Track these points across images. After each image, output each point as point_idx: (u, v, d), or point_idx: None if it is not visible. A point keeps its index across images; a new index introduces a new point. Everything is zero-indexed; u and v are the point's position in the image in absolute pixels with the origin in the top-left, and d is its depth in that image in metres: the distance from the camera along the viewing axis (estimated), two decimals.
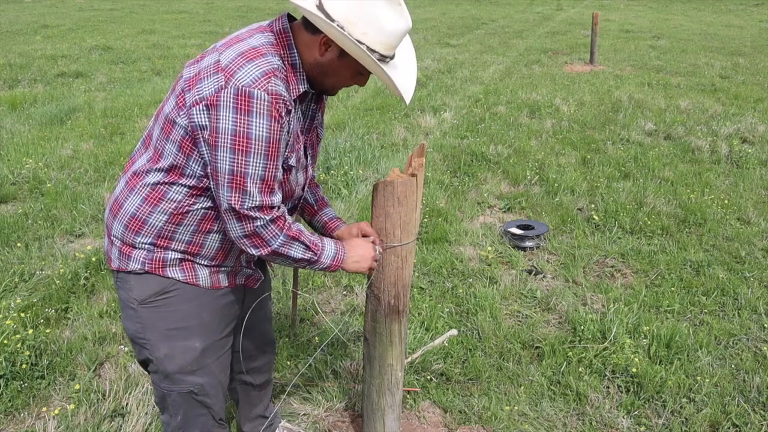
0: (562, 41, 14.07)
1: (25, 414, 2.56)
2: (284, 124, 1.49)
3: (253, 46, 1.51)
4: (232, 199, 1.48)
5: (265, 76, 1.45)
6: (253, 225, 1.52)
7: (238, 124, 1.43)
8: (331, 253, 1.69)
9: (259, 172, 1.47)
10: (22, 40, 13.31)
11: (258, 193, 1.49)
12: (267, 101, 1.43)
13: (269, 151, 1.47)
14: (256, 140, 1.44)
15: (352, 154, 5.60)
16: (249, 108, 1.42)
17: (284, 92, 1.48)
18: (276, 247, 1.57)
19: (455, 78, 9.78)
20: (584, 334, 3.05)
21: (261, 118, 1.43)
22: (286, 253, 1.60)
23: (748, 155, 5.79)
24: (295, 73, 1.56)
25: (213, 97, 1.44)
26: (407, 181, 1.73)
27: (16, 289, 3.44)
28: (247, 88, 1.42)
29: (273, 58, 1.50)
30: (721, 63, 11.03)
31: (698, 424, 2.51)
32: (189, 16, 19.08)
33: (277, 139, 1.47)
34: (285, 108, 1.48)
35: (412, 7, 22.81)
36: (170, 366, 1.73)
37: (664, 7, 24.23)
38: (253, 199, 1.49)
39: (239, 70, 1.44)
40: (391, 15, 1.49)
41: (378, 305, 1.90)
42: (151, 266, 1.65)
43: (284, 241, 1.58)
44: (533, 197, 4.90)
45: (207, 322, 1.75)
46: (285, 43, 1.55)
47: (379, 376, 2.02)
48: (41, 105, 7.62)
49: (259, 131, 1.44)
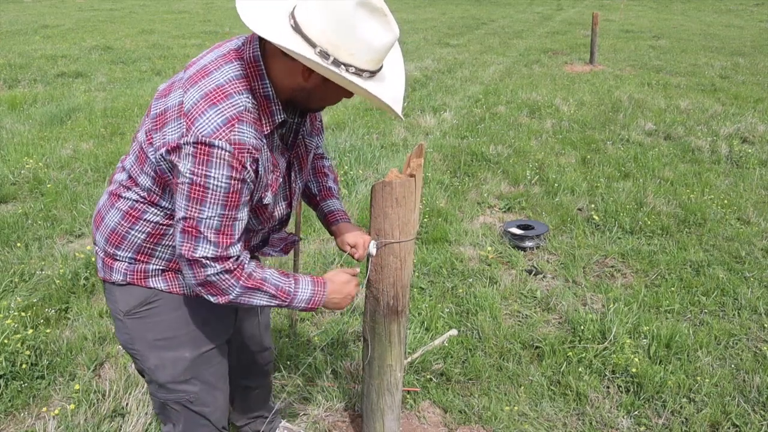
0: (562, 41, 14.07)
1: (25, 414, 2.56)
2: (247, 174, 1.40)
3: (218, 84, 1.40)
4: (184, 246, 1.43)
5: (228, 124, 1.36)
6: (204, 273, 1.44)
7: (195, 174, 1.36)
8: (306, 296, 1.60)
9: (214, 222, 1.41)
10: (22, 40, 13.31)
11: (210, 243, 1.42)
12: (228, 152, 1.35)
13: (227, 202, 1.40)
14: (213, 190, 1.37)
15: (352, 154, 5.60)
16: (208, 159, 1.35)
17: (250, 139, 1.39)
18: (234, 298, 1.50)
19: (455, 78, 9.77)
20: (584, 334, 3.05)
21: (220, 168, 1.36)
22: (248, 302, 1.53)
23: (748, 155, 5.79)
24: (269, 104, 1.46)
25: (174, 144, 1.39)
26: (406, 182, 1.72)
27: (16, 289, 3.44)
28: (207, 138, 1.34)
29: (240, 98, 1.40)
30: (721, 63, 11.03)
31: (698, 424, 2.51)
32: (189, 16, 19.08)
33: (237, 190, 1.40)
34: (250, 156, 1.40)
35: (412, 7, 22.84)
36: (162, 376, 1.70)
37: (664, 7, 24.23)
38: (204, 249, 1.42)
39: (201, 116, 1.36)
40: (378, 29, 1.36)
41: (377, 306, 1.90)
42: (133, 277, 1.62)
43: (242, 291, 1.50)
44: (533, 197, 4.90)
45: (196, 331, 1.71)
46: (256, 74, 1.44)
47: (378, 377, 2.02)
48: (41, 105, 7.62)
49: (216, 182, 1.37)
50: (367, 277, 1.89)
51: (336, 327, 3.11)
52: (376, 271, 1.85)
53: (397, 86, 1.53)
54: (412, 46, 13.04)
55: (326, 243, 4.05)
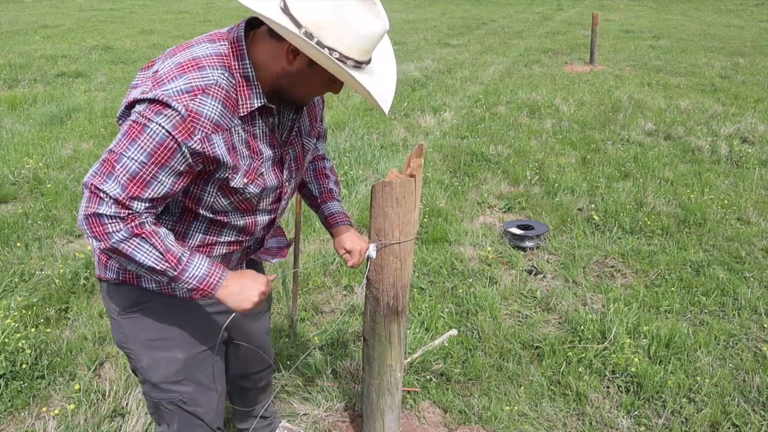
0: (562, 41, 14.07)
1: (25, 414, 2.56)
2: (192, 143, 1.36)
3: (195, 56, 1.40)
4: (95, 176, 1.36)
5: (191, 93, 1.35)
6: (96, 207, 1.35)
7: (141, 115, 1.34)
8: (200, 273, 1.47)
9: (133, 165, 1.34)
10: (22, 40, 13.31)
11: (119, 185, 1.34)
12: (180, 115, 1.33)
13: (154, 153, 1.34)
14: (148, 135, 1.33)
15: (352, 154, 5.60)
16: (159, 110, 1.33)
17: (210, 113, 1.37)
18: (115, 243, 1.37)
19: (455, 78, 9.78)
20: (584, 334, 3.05)
21: (166, 121, 1.33)
22: (131, 254, 1.39)
23: (748, 155, 5.79)
24: (248, 85, 1.43)
25: (133, 98, 1.38)
26: (406, 182, 1.72)
27: (16, 289, 3.45)
28: (167, 98, 1.33)
29: (212, 72, 1.38)
30: (721, 63, 11.03)
31: (698, 424, 2.51)
32: (189, 16, 19.08)
33: (170, 149, 1.35)
34: (202, 130, 1.36)
35: (412, 7, 22.83)
36: (154, 376, 1.68)
37: (664, 7, 24.23)
38: (111, 187, 1.34)
39: (169, 82, 1.36)
40: (366, 16, 1.35)
41: (377, 306, 1.90)
42: (125, 276, 1.60)
43: (126, 236, 1.37)
44: (533, 197, 4.90)
45: (189, 332, 1.68)
46: (237, 53, 1.42)
47: (378, 377, 2.02)
48: (41, 105, 7.62)
49: (155, 128, 1.33)
50: (365, 277, 1.89)
51: (336, 327, 3.11)
52: (376, 271, 1.85)
53: (386, 83, 1.50)
54: (412, 46, 13.04)
55: (326, 243, 4.05)
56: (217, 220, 1.58)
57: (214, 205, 1.54)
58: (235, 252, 1.72)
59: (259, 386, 2.22)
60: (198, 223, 1.58)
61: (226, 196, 1.53)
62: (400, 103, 7.84)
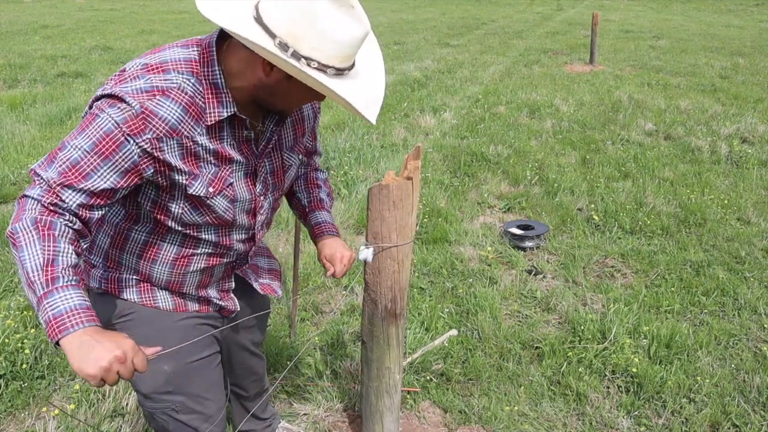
0: (562, 41, 14.07)
1: (25, 414, 2.56)
2: (139, 141, 1.31)
3: (162, 60, 1.36)
4: (40, 163, 1.32)
5: (150, 93, 1.31)
6: (28, 190, 1.30)
7: (95, 108, 1.32)
8: (62, 307, 1.19)
9: (75, 153, 1.29)
10: (21, 40, 13.31)
11: (57, 172, 1.28)
12: (134, 110, 1.29)
13: (99, 143, 1.29)
14: (97, 125, 1.29)
15: (351, 154, 5.60)
16: (113, 104, 1.30)
17: (167, 116, 1.32)
18: (13, 228, 1.25)
19: (455, 78, 9.78)
20: (584, 334, 3.05)
21: (118, 114, 1.29)
22: (19, 245, 1.24)
23: (748, 155, 5.79)
24: (218, 93, 1.37)
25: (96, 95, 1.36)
26: (403, 185, 1.69)
27: (16, 289, 3.44)
28: (123, 94, 1.30)
29: (177, 77, 1.34)
30: (721, 63, 11.03)
31: (698, 424, 2.51)
32: (189, 16, 19.08)
33: (116, 142, 1.30)
34: (154, 131, 1.31)
35: (412, 7, 22.84)
36: (143, 387, 1.65)
37: (664, 7, 24.23)
38: (50, 174, 1.28)
39: (131, 80, 1.32)
40: (344, 21, 1.27)
41: (375, 309, 1.88)
42: (108, 286, 1.56)
43: (25, 226, 1.24)
44: (533, 197, 4.90)
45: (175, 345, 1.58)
46: (207, 60, 1.37)
47: (376, 379, 2.01)
48: (41, 105, 7.62)
49: (106, 120, 1.29)
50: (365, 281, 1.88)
51: (336, 327, 3.12)
52: (374, 274, 1.82)
53: (372, 87, 1.43)
54: (412, 46, 13.04)
55: None
56: (190, 235, 1.53)
57: (183, 217, 1.48)
58: (217, 266, 1.66)
59: (252, 393, 2.21)
60: (173, 235, 1.53)
61: (195, 208, 1.47)
62: (400, 103, 7.85)
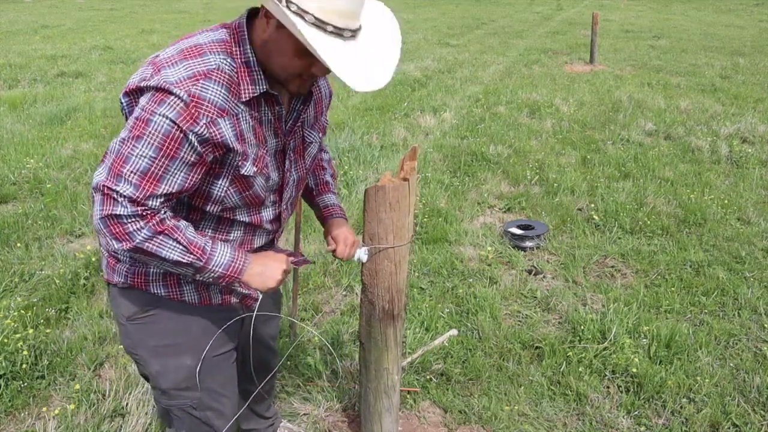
0: (562, 41, 14.07)
1: (25, 414, 2.56)
2: (198, 129, 1.34)
3: (196, 43, 1.39)
4: (106, 176, 1.33)
5: (193, 78, 1.33)
6: (112, 209, 1.32)
7: (144, 110, 1.33)
8: (225, 260, 1.46)
9: (143, 162, 1.32)
10: (22, 40, 13.31)
11: (131, 185, 1.32)
12: (183, 101, 1.31)
13: (163, 146, 1.32)
14: (153, 129, 1.31)
15: (351, 154, 5.60)
16: (162, 100, 1.31)
17: (214, 97, 1.35)
18: (140, 243, 1.35)
19: (455, 78, 9.77)
20: (584, 334, 3.05)
21: (170, 111, 1.31)
22: (156, 251, 1.38)
23: (748, 155, 5.79)
24: (249, 71, 1.41)
25: (133, 86, 1.37)
26: (399, 186, 1.67)
27: (16, 289, 3.45)
28: (169, 85, 1.31)
29: (214, 57, 1.37)
30: (721, 63, 11.03)
31: (698, 424, 2.51)
32: (189, 16, 19.08)
33: (177, 139, 1.33)
34: (207, 115, 1.34)
35: (412, 7, 22.83)
36: (164, 382, 1.67)
37: (664, 7, 24.23)
38: (124, 187, 1.32)
39: (170, 67, 1.34)
40: None
41: (372, 310, 1.87)
42: (134, 280, 1.57)
43: (149, 235, 1.35)
44: (533, 197, 4.90)
45: (198, 339, 1.65)
46: (238, 39, 1.41)
47: (375, 380, 2.00)
48: (41, 105, 7.62)
49: (160, 121, 1.31)
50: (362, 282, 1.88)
51: (336, 327, 3.12)
52: (371, 276, 1.81)
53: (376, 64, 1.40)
54: (412, 46, 13.04)
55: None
56: (224, 217, 1.55)
57: (225, 200, 1.50)
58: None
59: (264, 389, 2.21)
60: (206, 222, 1.55)
61: (237, 189, 1.50)
62: (400, 103, 7.84)
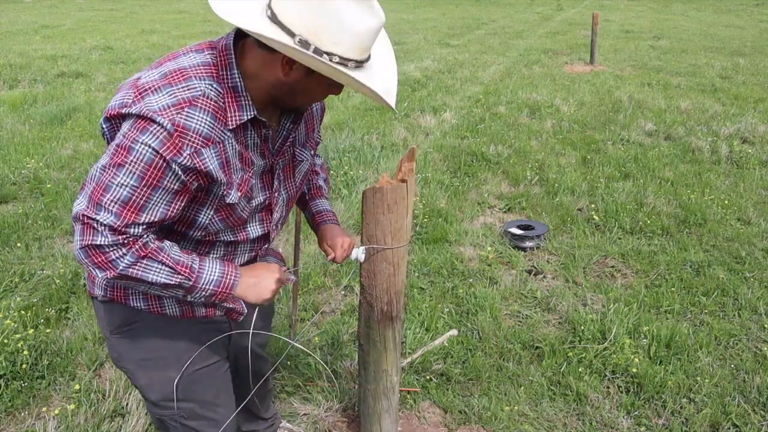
0: (562, 41, 14.07)
1: (25, 414, 2.56)
2: (181, 160, 1.29)
3: (181, 66, 1.34)
4: (85, 207, 1.29)
5: (177, 106, 1.28)
6: (92, 238, 1.28)
7: (126, 137, 1.28)
8: (215, 276, 1.42)
9: (124, 192, 1.27)
10: (22, 40, 13.31)
11: (111, 214, 1.28)
12: (167, 131, 1.26)
13: (145, 176, 1.27)
14: (135, 157, 1.26)
15: (351, 154, 5.60)
16: (144, 128, 1.27)
17: (199, 126, 1.30)
18: (123, 270, 1.31)
19: (455, 78, 9.77)
20: (584, 334, 3.05)
21: (152, 140, 1.26)
22: (142, 276, 1.34)
23: (748, 155, 5.79)
24: (237, 97, 1.36)
25: (114, 111, 1.33)
26: (397, 188, 1.66)
27: (16, 289, 3.45)
28: (152, 113, 1.26)
29: (200, 83, 1.32)
30: (721, 63, 11.03)
31: (698, 425, 2.51)
32: (189, 16, 19.09)
33: (160, 168, 1.28)
34: (191, 145, 1.29)
35: (412, 7, 22.84)
36: (152, 395, 1.65)
37: (664, 7, 24.23)
38: (105, 216, 1.28)
39: (153, 93, 1.29)
40: (360, 13, 1.28)
41: (371, 312, 1.87)
42: (113, 293, 1.54)
43: (133, 261, 1.31)
44: (533, 197, 4.90)
45: (183, 352, 1.61)
46: (225, 63, 1.36)
47: (374, 382, 2.00)
48: (41, 105, 7.63)
49: (142, 149, 1.26)
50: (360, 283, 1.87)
51: (335, 327, 3.11)
52: (369, 277, 1.80)
53: (387, 76, 1.44)
54: (412, 46, 13.04)
55: None
56: (206, 240, 1.52)
57: (209, 226, 1.47)
58: None
59: (258, 394, 2.21)
60: (185, 243, 1.52)
61: (222, 216, 1.47)
62: (401, 104, 7.84)
